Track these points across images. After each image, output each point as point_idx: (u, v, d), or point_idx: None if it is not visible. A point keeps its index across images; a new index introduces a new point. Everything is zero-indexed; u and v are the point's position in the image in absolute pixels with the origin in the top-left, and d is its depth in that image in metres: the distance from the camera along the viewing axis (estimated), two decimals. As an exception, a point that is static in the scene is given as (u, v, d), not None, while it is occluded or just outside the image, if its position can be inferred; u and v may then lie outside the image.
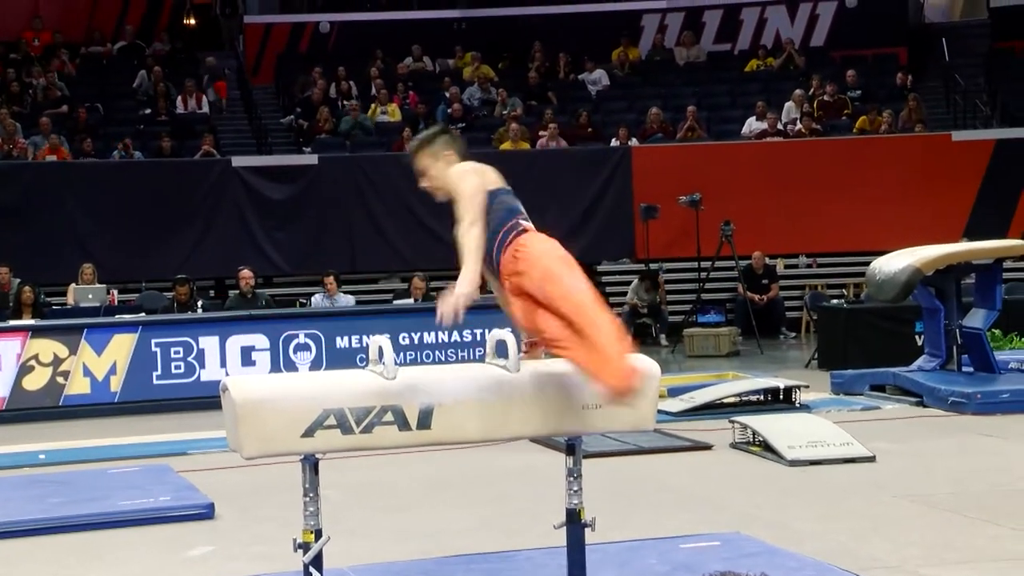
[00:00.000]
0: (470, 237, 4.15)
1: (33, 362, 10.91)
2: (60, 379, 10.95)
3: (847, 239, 16.61)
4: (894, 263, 10.00)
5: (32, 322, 11.69)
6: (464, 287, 4.05)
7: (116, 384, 11.08)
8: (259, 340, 11.46)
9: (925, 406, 9.62)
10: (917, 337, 11.46)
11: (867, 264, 10.76)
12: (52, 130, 16.98)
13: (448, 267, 5.55)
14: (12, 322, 11.74)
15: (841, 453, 7.51)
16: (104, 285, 13.78)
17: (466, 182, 4.26)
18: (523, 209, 4.34)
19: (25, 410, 10.79)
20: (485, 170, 4.36)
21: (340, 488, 6.64)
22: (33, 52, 19.72)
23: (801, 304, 16.19)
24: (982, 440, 8.30)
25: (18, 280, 13.58)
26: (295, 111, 18.95)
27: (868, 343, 12.05)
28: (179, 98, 18.74)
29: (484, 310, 4.22)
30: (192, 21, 21.94)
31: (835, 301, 13.85)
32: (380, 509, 6.64)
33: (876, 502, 6.43)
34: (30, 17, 20.56)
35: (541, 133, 17.86)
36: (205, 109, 18.80)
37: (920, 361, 10.38)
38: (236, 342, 11.41)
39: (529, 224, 4.30)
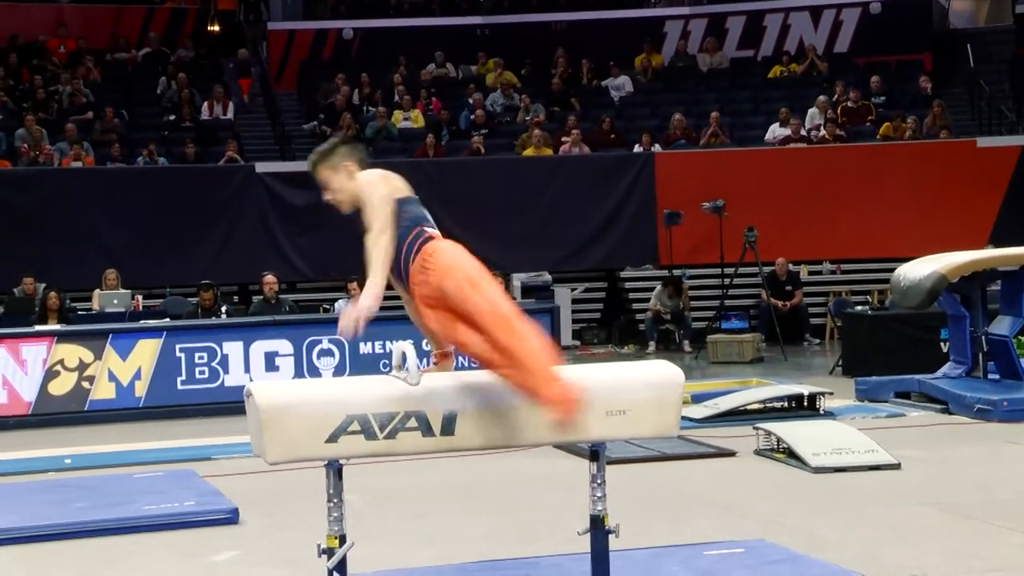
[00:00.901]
0: (379, 248, 4.10)
1: (59, 367, 10.96)
2: (85, 384, 11.00)
3: (871, 245, 16.53)
4: (919, 270, 9.96)
5: (58, 327, 11.74)
6: (368, 300, 3.99)
7: (141, 389, 11.12)
8: (283, 346, 11.48)
9: (951, 413, 9.56)
10: (942, 344, 11.40)
11: (891, 271, 10.70)
12: (77, 136, 17.07)
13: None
14: (38, 327, 11.80)
15: (866, 460, 7.48)
16: (129, 291, 13.85)
17: (373, 189, 4.21)
18: (429, 217, 4.28)
19: (51, 415, 10.83)
20: (391, 177, 4.30)
21: (363, 493, 6.65)
22: (58, 59, 19.85)
23: (825, 311, 16.13)
24: (1008, 448, 8.25)
25: (43, 285, 13.65)
26: (318, 117, 19.00)
27: (893, 350, 11.98)
28: (204, 104, 18.82)
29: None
30: (216, 28, 22.04)
31: (859, 308, 13.77)
32: (403, 515, 6.64)
33: (901, 510, 6.40)
34: (55, 25, 20.70)
35: (564, 139, 17.86)
36: (229, 115, 18.88)
37: (945, 368, 10.32)
38: (260, 347, 11.43)
39: (435, 232, 4.23)
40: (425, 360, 4.18)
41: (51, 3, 21.50)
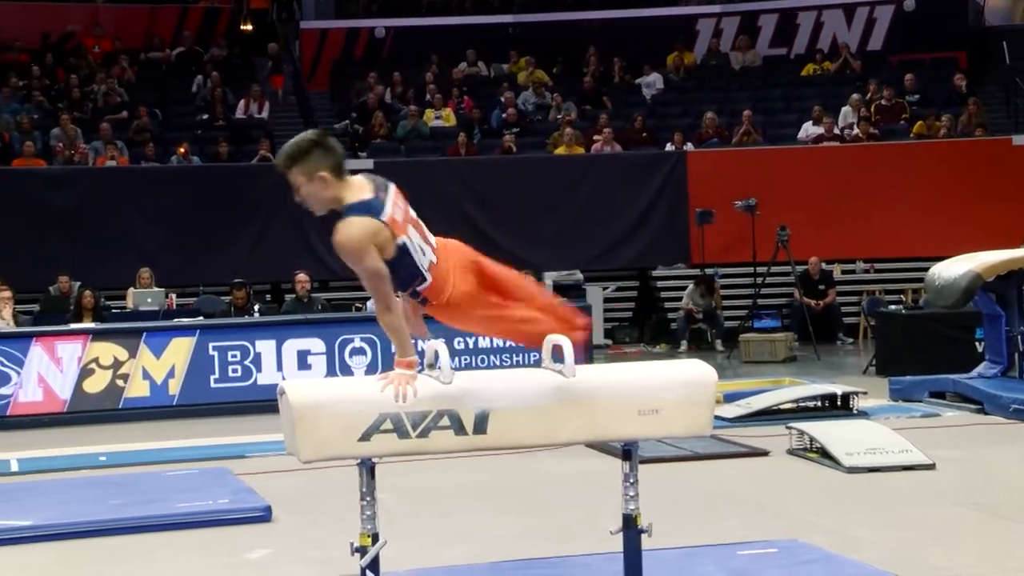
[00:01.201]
0: (392, 329, 4.02)
1: (93, 365, 11.03)
2: (120, 382, 11.07)
3: (905, 244, 16.44)
4: (954, 268, 9.89)
5: (93, 325, 11.83)
6: (409, 368, 3.99)
7: (174, 387, 11.19)
8: (315, 344, 11.52)
9: (986, 413, 9.50)
10: (977, 343, 11.33)
11: (926, 269, 10.65)
12: (112, 136, 17.18)
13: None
14: (73, 325, 11.89)
15: (900, 460, 7.44)
16: (162, 289, 13.92)
17: (360, 261, 3.91)
18: (417, 245, 4.04)
19: (86, 413, 10.91)
20: (375, 235, 3.91)
21: (395, 491, 6.66)
22: (94, 58, 19.98)
23: (858, 310, 16.05)
24: (1044, 448, 8.19)
25: (78, 284, 13.75)
26: (350, 116, 19.05)
27: (927, 349, 11.92)
28: (241, 102, 18.90)
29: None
30: (249, 27, 22.13)
31: (893, 307, 13.70)
32: (435, 513, 6.65)
33: (935, 510, 6.36)
34: (91, 24, 20.84)
35: (596, 138, 17.83)
36: (264, 114, 18.96)
37: (980, 368, 10.26)
38: (292, 346, 11.48)
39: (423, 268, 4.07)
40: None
41: (86, 3, 21.64)
